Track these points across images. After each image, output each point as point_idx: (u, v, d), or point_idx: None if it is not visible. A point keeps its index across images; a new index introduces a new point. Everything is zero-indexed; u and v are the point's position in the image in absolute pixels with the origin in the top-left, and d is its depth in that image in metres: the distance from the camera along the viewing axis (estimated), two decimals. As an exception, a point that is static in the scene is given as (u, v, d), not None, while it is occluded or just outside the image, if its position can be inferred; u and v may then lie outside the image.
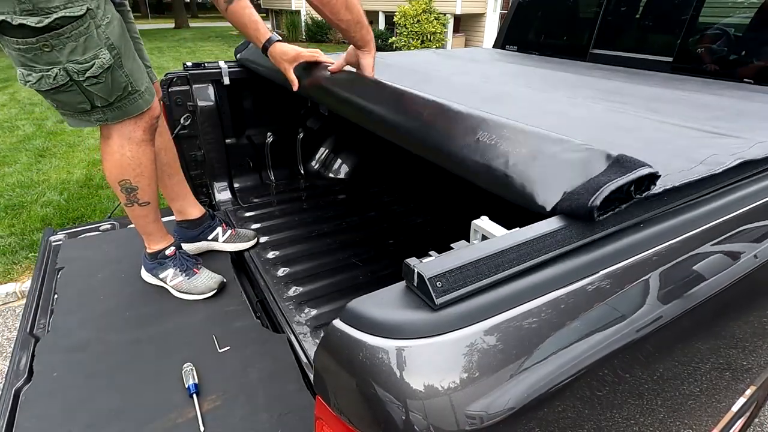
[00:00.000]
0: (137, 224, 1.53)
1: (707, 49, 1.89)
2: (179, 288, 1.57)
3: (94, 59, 1.16)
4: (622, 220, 0.72)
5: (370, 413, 0.53)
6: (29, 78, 1.15)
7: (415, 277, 0.56)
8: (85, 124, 1.27)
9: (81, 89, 1.18)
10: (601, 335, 0.62)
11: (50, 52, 1.12)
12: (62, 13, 1.08)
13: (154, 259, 1.58)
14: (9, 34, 1.08)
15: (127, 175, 1.37)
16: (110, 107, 1.25)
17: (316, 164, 2.60)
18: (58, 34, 1.10)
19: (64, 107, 1.24)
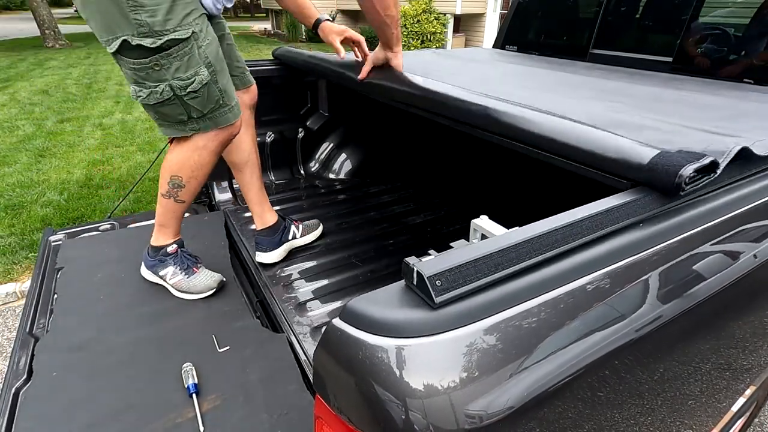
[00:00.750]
0: (160, 213, 1.56)
1: (707, 49, 1.89)
2: (178, 287, 1.57)
3: (195, 76, 1.30)
4: (624, 218, 0.72)
5: (370, 412, 0.53)
6: (140, 93, 1.29)
7: (415, 276, 0.56)
8: (179, 132, 1.39)
9: (181, 102, 1.31)
10: (601, 334, 0.62)
11: (159, 71, 1.26)
12: (172, 36, 1.23)
13: (156, 255, 1.59)
14: (127, 55, 1.23)
15: (183, 174, 1.45)
16: (203, 118, 1.37)
17: (315, 164, 2.60)
18: (167, 54, 1.24)
19: (164, 118, 1.36)
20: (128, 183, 4.04)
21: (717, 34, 1.86)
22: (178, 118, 1.35)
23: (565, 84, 1.67)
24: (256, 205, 1.81)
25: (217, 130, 1.41)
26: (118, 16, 1.18)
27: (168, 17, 1.21)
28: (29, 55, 11.72)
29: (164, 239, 1.59)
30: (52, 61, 10.77)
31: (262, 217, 1.81)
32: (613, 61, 2.18)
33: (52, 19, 13.63)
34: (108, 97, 7.32)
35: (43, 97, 7.14)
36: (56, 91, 7.62)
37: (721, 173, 0.81)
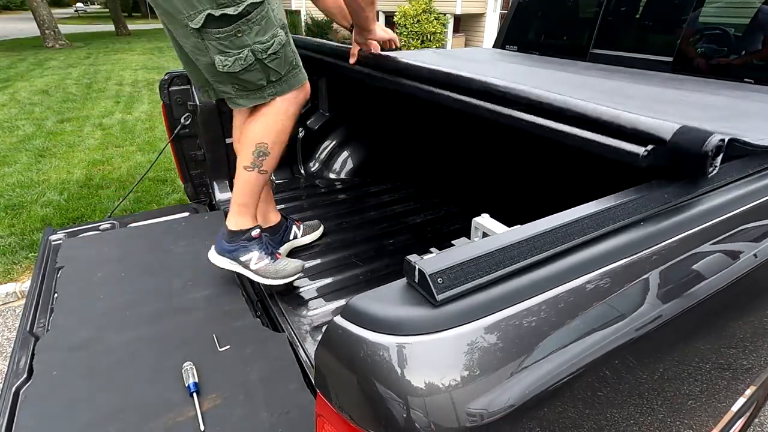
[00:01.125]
0: (241, 191, 1.52)
1: (707, 49, 1.89)
2: (264, 272, 1.52)
3: (273, 38, 1.35)
4: (625, 217, 0.72)
5: (371, 410, 0.53)
6: (226, 62, 1.33)
7: (416, 274, 0.56)
8: (259, 99, 1.43)
9: (262, 66, 1.36)
10: (602, 333, 0.62)
11: (241, 37, 1.31)
12: (249, 1, 1.27)
13: (237, 241, 1.52)
14: (211, 26, 1.28)
15: (268, 140, 1.47)
16: (280, 81, 1.42)
17: (316, 164, 2.60)
18: (247, 19, 1.29)
19: (245, 86, 1.40)
20: (128, 183, 4.04)
21: (717, 34, 1.86)
22: (258, 84, 1.39)
23: (566, 84, 1.67)
24: (261, 202, 1.74)
25: (294, 92, 1.47)
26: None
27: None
28: (29, 55, 11.72)
29: (246, 222, 1.53)
30: (52, 61, 10.77)
31: (266, 216, 1.79)
32: (614, 61, 2.18)
33: (52, 19, 13.63)
34: (108, 97, 7.32)
35: (43, 97, 7.14)
36: (56, 91, 7.62)
37: (728, 169, 0.82)
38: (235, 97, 1.44)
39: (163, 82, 2.04)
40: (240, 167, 1.50)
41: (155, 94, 7.44)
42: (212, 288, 1.58)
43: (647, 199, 0.76)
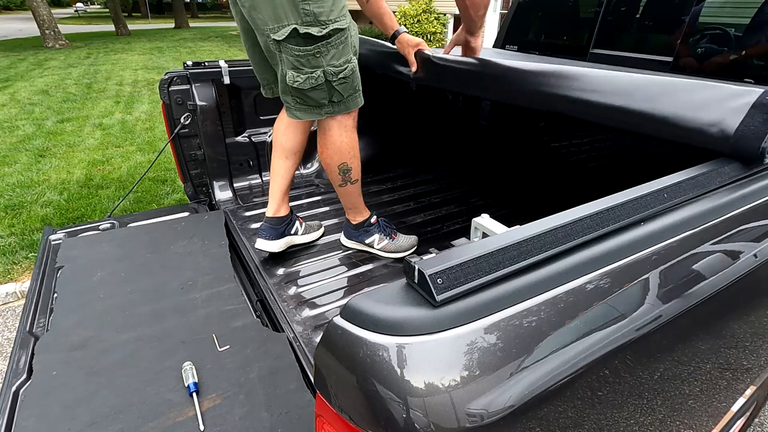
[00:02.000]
0: (347, 200, 1.77)
1: (707, 49, 1.89)
2: (386, 249, 1.81)
3: (347, 63, 1.43)
4: (625, 216, 0.72)
5: (371, 410, 0.53)
6: (297, 79, 1.40)
7: (416, 274, 0.56)
8: (315, 116, 1.53)
9: (329, 87, 1.44)
10: (602, 334, 0.62)
11: (318, 58, 1.37)
12: (335, 26, 1.35)
13: (359, 228, 1.81)
14: (292, 42, 1.34)
15: (345, 158, 1.62)
16: (340, 102, 1.51)
17: (316, 163, 2.60)
18: (328, 42, 1.36)
19: (307, 102, 1.48)
20: (128, 183, 4.04)
21: (717, 33, 1.86)
22: (319, 102, 1.47)
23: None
24: (279, 193, 1.82)
25: (352, 113, 1.58)
26: (288, 5, 1.30)
27: (332, 8, 1.34)
28: (29, 55, 11.72)
29: (362, 216, 1.81)
30: (52, 61, 10.77)
31: (278, 206, 1.83)
32: (614, 61, 2.18)
33: (52, 19, 13.63)
34: (108, 97, 7.32)
35: (43, 97, 7.14)
36: (56, 91, 7.62)
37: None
38: (294, 108, 1.52)
39: (163, 81, 2.04)
40: (335, 186, 1.72)
41: (155, 94, 7.44)
42: (212, 288, 1.58)
43: (647, 199, 0.76)
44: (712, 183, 0.86)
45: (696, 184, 0.84)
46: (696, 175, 0.85)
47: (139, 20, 30.72)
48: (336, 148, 1.60)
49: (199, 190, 2.34)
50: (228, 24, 27.27)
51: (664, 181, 0.82)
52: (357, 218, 1.82)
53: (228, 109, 2.23)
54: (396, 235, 1.85)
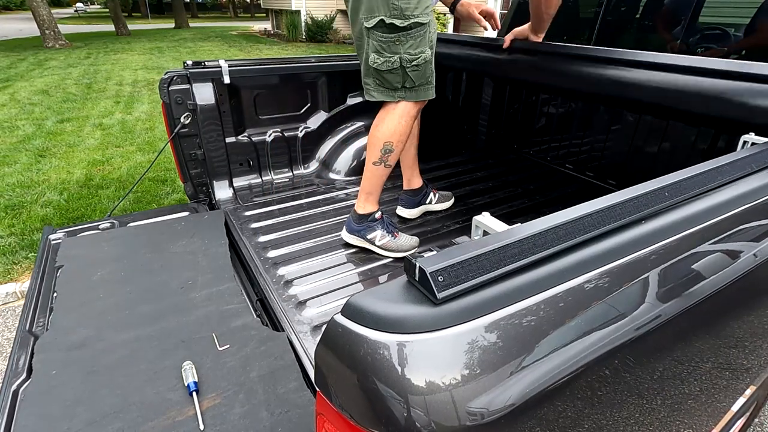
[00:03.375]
0: (370, 182, 1.83)
1: (707, 49, 1.89)
2: (387, 247, 1.84)
3: (421, 54, 1.62)
4: (627, 215, 0.72)
5: (372, 409, 0.53)
6: (377, 60, 1.63)
7: (417, 272, 0.56)
8: (389, 97, 1.71)
9: (403, 72, 1.64)
10: (602, 333, 0.62)
11: (397, 45, 1.59)
12: (415, 20, 1.56)
13: (363, 222, 1.85)
14: (379, 30, 1.58)
15: (393, 139, 1.74)
16: (411, 89, 1.69)
17: (316, 163, 2.60)
18: (407, 33, 1.57)
19: (383, 84, 1.69)
20: (128, 183, 4.04)
21: (717, 34, 1.86)
22: (394, 85, 1.67)
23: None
24: (408, 169, 2.09)
25: (417, 102, 1.73)
26: (382, 1, 1.53)
27: (417, 6, 1.54)
28: (29, 55, 11.72)
29: (371, 207, 1.85)
30: (52, 61, 10.77)
31: (410, 180, 2.10)
32: None
33: (52, 19, 13.64)
34: (108, 97, 7.32)
35: (43, 97, 7.14)
36: (56, 91, 7.62)
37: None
38: (372, 89, 1.73)
39: (163, 81, 2.04)
40: (369, 163, 1.80)
41: (155, 94, 7.44)
42: (212, 287, 1.58)
43: (648, 199, 0.76)
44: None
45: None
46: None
47: (139, 20, 30.73)
48: (390, 126, 1.73)
49: (199, 189, 2.34)
50: (228, 24, 27.27)
51: (679, 174, 0.84)
52: (365, 208, 1.85)
53: (228, 108, 2.23)
54: (398, 233, 1.88)
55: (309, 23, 15.61)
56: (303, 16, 15.84)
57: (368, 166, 1.81)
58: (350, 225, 1.88)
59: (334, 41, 15.48)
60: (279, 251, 1.85)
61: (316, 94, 2.50)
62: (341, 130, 2.64)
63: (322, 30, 15.44)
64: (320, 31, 15.43)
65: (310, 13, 15.63)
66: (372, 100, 1.74)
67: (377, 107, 1.79)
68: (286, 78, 2.36)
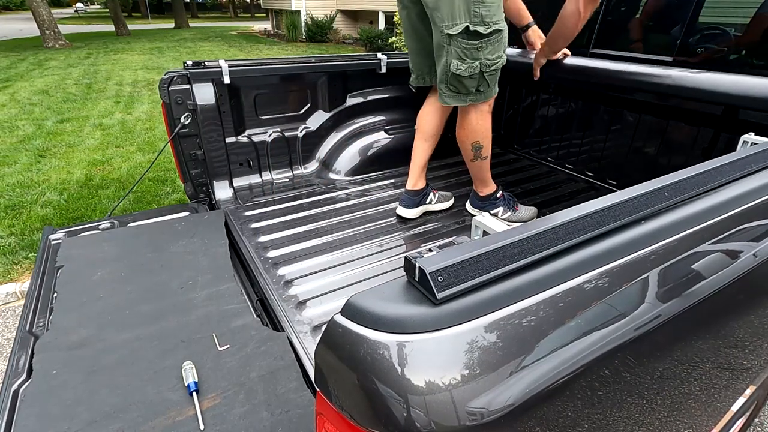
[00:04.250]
0: (476, 173, 2.05)
1: (707, 49, 1.89)
2: (510, 219, 2.09)
3: (499, 58, 1.73)
4: (626, 215, 0.72)
5: (372, 408, 0.53)
6: (460, 67, 1.70)
7: (417, 272, 0.56)
8: (458, 101, 1.82)
9: (482, 77, 1.73)
10: (602, 333, 0.62)
11: (479, 51, 1.67)
12: (496, 27, 1.65)
13: (486, 201, 2.10)
14: (463, 37, 1.65)
15: (478, 138, 1.91)
16: (483, 92, 1.79)
17: (316, 163, 2.60)
18: (488, 40, 1.66)
19: (459, 89, 1.78)
20: (128, 183, 4.04)
21: (717, 33, 1.86)
22: (468, 90, 1.77)
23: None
24: (417, 169, 2.15)
25: (489, 100, 1.85)
26: (463, 8, 1.61)
27: (495, 12, 1.64)
28: (29, 55, 11.73)
29: (489, 189, 2.09)
30: (52, 61, 10.77)
31: (416, 181, 2.15)
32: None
33: (52, 19, 13.64)
34: (108, 97, 7.32)
35: (43, 97, 7.14)
36: (56, 91, 7.62)
37: None
38: (445, 95, 1.83)
39: (163, 81, 2.04)
40: (467, 161, 2.02)
41: (155, 94, 7.44)
42: (212, 287, 1.58)
43: (648, 199, 0.76)
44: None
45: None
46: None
47: (139, 20, 30.73)
48: (472, 128, 1.89)
49: (199, 189, 2.34)
50: (228, 24, 27.27)
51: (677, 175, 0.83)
52: (485, 191, 2.08)
53: (228, 108, 2.23)
54: (518, 207, 2.12)
55: (309, 23, 15.61)
56: (303, 16, 15.85)
57: (468, 164, 2.03)
58: (474, 202, 2.14)
59: (334, 41, 15.48)
60: (279, 251, 1.85)
61: (316, 94, 2.50)
62: (341, 130, 2.64)
63: (322, 30, 15.44)
64: (320, 31, 15.44)
65: (310, 13, 15.63)
66: (444, 104, 1.87)
67: (377, 107, 1.83)
68: (286, 78, 2.36)
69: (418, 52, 1.99)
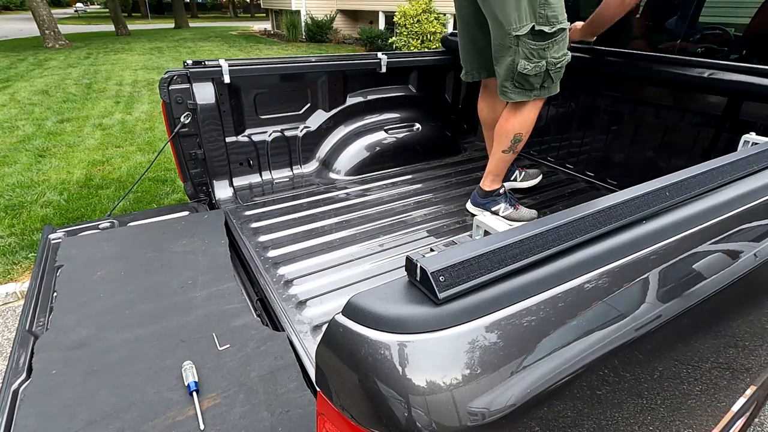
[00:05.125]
0: (497, 166, 2.04)
1: (707, 49, 1.89)
2: (510, 217, 2.09)
3: (563, 57, 1.77)
4: (627, 215, 0.72)
5: (373, 409, 0.53)
6: (527, 66, 1.73)
7: (418, 272, 0.56)
8: (523, 97, 1.85)
9: (548, 75, 1.77)
10: (603, 333, 0.62)
11: (545, 51, 1.71)
12: (560, 26, 1.69)
13: (488, 197, 2.10)
14: (529, 38, 1.69)
15: (523, 130, 1.93)
16: (545, 89, 1.83)
17: (316, 162, 2.60)
18: (554, 39, 1.70)
19: (524, 86, 1.81)
20: (128, 183, 4.04)
21: (717, 34, 1.86)
22: (534, 86, 1.80)
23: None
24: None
25: (544, 97, 1.88)
26: (528, 9, 1.65)
27: (560, 12, 1.68)
28: (29, 55, 11.72)
29: (496, 185, 2.09)
30: (52, 61, 10.77)
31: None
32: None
33: (52, 19, 13.64)
34: (108, 97, 7.32)
35: (42, 98, 7.14)
36: (56, 91, 7.61)
37: None
38: (510, 91, 1.85)
39: (163, 80, 2.04)
40: (498, 150, 2.01)
41: (155, 94, 7.44)
42: (212, 287, 1.58)
43: (649, 199, 0.76)
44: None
45: None
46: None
47: (139, 20, 30.72)
48: (522, 120, 1.91)
49: (199, 189, 2.34)
50: (228, 24, 27.26)
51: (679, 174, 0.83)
52: (492, 186, 2.09)
53: (228, 108, 2.23)
54: (519, 206, 2.12)
55: (309, 23, 15.61)
56: (303, 16, 15.84)
57: (497, 153, 2.02)
58: (476, 199, 2.13)
59: (334, 41, 15.48)
60: (279, 251, 1.85)
61: (316, 94, 2.50)
62: (341, 130, 2.63)
63: (322, 30, 15.44)
64: (320, 31, 15.44)
65: (310, 13, 15.63)
66: (509, 101, 1.89)
67: (377, 107, 1.83)
68: (286, 77, 2.36)
69: (468, 50, 2.08)
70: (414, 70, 2.75)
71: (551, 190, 2.45)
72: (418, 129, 2.76)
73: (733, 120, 1.85)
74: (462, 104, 3.04)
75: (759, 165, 0.96)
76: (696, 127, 1.98)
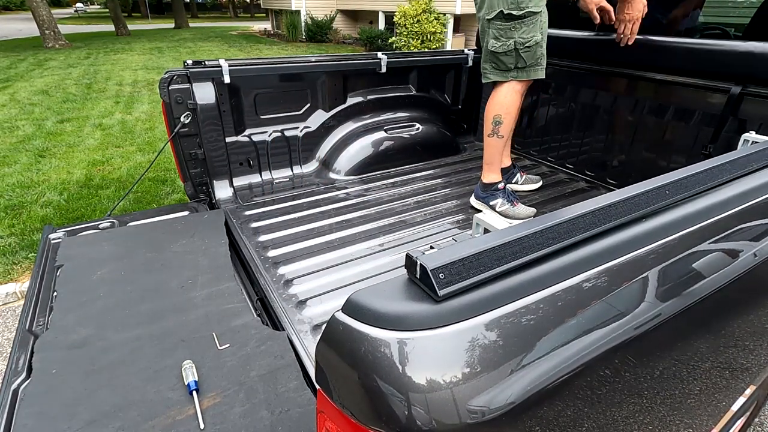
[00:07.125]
0: (488, 153, 2.12)
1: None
2: (505, 213, 2.12)
3: (532, 38, 1.89)
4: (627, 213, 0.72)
5: (373, 406, 0.53)
6: (495, 44, 1.95)
7: (418, 269, 0.56)
8: (500, 77, 2.01)
9: (517, 54, 1.93)
10: (602, 331, 0.62)
11: (512, 31, 1.89)
12: (529, 9, 1.84)
13: (488, 190, 2.14)
14: (498, 19, 1.90)
15: (501, 111, 2.03)
16: (522, 69, 1.97)
17: (316, 162, 2.60)
18: (521, 21, 1.86)
19: (499, 66, 2.00)
20: (128, 183, 4.04)
21: (717, 34, 1.86)
22: (508, 66, 1.96)
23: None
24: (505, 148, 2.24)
25: (526, 80, 1.99)
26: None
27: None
28: (29, 55, 11.72)
29: (494, 177, 2.14)
30: (52, 62, 10.77)
31: (502, 159, 2.24)
32: None
33: (52, 19, 13.64)
34: (108, 97, 7.32)
35: (42, 98, 7.14)
36: (56, 91, 7.62)
37: None
38: (489, 72, 2.04)
39: (163, 80, 2.04)
40: (485, 136, 2.10)
41: (155, 94, 7.44)
42: (212, 287, 1.58)
43: (649, 197, 0.76)
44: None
45: None
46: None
47: (139, 20, 30.73)
48: (498, 101, 2.02)
49: (199, 189, 2.34)
50: (228, 24, 27.27)
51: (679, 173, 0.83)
52: (489, 177, 2.14)
53: (228, 108, 2.23)
54: (517, 203, 2.16)
55: (309, 23, 15.61)
56: (303, 16, 15.84)
57: (485, 139, 2.11)
58: (477, 192, 2.20)
59: (333, 41, 15.48)
60: (279, 250, 1.85)
61: (316, 94, 2.50)
62: (341, 130, 2.63)
63: (321, 30, 15.44)
64: (320, 31, 15.44)
65: (310, 13, 15.63)
66: (487, 81, 2.04)
67: (377, 107, 1.84)
68: (286, 77, 2.36)
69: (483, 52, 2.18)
70: (414, 70, 2.75)
71: (551, 189, 2.45)
72: (418, 129, 2.77)
73: (733, 119, 1.85)
74: (462, 104, 3.04)
75: (759, 164, 0.96)
76: (696, 126, 1.98)
